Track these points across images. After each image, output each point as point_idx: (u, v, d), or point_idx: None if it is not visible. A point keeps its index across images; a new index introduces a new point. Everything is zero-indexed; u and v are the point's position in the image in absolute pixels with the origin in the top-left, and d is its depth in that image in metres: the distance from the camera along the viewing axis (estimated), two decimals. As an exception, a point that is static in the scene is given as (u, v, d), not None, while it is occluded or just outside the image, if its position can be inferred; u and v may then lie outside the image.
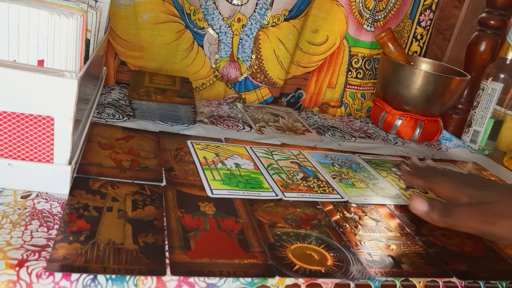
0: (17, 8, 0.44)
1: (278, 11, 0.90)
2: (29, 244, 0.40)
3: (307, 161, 0.70)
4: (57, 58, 0.47)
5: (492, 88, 0.91)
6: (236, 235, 0.47)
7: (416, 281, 0.47)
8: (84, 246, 0.41)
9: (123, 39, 0.84)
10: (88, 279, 0.37)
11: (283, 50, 0.93)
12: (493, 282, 0.49)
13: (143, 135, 0.67)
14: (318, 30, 0.95)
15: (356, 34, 0.99)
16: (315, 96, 1.01)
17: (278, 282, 0.42)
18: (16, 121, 0.44)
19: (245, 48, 0.92)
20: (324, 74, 1.00)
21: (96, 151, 0.58)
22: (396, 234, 0.55)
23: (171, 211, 0.49)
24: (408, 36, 1.04)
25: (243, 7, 0.88)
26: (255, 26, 0.90)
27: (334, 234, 0.52)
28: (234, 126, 0.79)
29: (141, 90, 0.76)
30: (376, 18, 0.98)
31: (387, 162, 0.77)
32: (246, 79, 0.94)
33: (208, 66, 0.91)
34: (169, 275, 0.40)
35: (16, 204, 0.45)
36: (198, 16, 0.86)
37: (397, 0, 0.98)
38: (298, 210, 0.55)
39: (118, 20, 0.82)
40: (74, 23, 0.47)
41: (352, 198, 0.61)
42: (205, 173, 0.59)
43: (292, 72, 0.98)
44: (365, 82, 1.03)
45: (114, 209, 0.47)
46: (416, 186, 0.60)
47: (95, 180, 0.52)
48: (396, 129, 0.92)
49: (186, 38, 0.87)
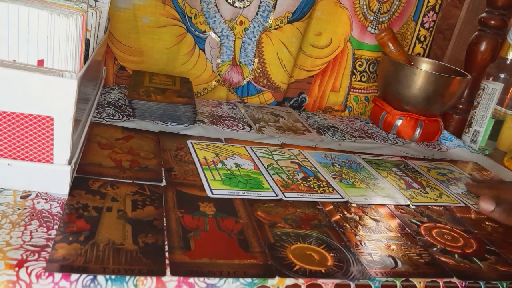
0: (17, 8, 0.44)
1: (281, 14, 0.89)
2: (28, 244, 0.39)
3: (307, 161, 0.70)
4: (57, 58, 0.47)
5: (492, 88, 0.91)
6: (236, 235, 0.47)
7: (416, 281, 0.47)
8: (84, 247, 0.41)
9: (123, 44, 0.84)
10: (88, 280, 0.37)
11: (287, 54, 0.92)
12: (494, 282, 0.49)
13: (143, 135, 0.67)
14: (321, 33, 0.95)
15: (360, 37, 0.98)
16: (318, 100, 1.00)
17: (278, 282, 0.42)
18: (16, 121, 0.44)
19: (247, 52, 0.90)
20: (328, 77, 0.99)
21: (96, 151, 0.58)
22: (396, 234, 0.55)
23: (171, 211, 0.49)
24: (412, 38, 1.03)
25: (245, 10, 0.87)
26: (257, 29, 0.89)
27: (334, 234, 0.52)
28: (234, 126, 0.79)
29: (141, 90, 0.76)
30: (380, 20, 0.97)
31: (387, 162, 0.77)
32: (248, 83, 0.93)
33: (210, 71, 0.90)
34: (169, 275, 0.40)
35: (16, 204, 0.44)
36: (199, 19, 0.85)
37: (401, 2, 0.98)
38: (298, 210, 0.55)
39: (117, 24, 0.81)
40: (74, 23, 0.47)
41: (352, 198, 0.61)
42: (205, 173, 0.59)
43: (295, 76, 0.97)
44: (369, 85, 1.03)
45: (113, 209, 0.47)
46: (482, 195, 0.65)
47: (94, 180, 0.52)
48: (396, 129, 0.92)
49: (187, 42, 0.86)
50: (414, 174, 0.74)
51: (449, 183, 0.73)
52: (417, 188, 0.69)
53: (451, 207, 0.65)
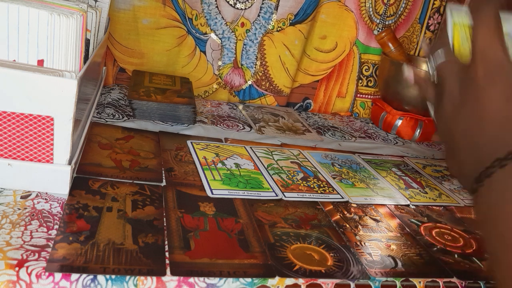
0: (17, 8, 0.44)
1: (283, 15, 0.88)
2: (28, 244, 0.39)
3: (307, 161, 0.70)
4: (57, 58, 0.47)
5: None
6: (236, 235, 0.47)
7: (416, 281, 0.47)
8: (84, 246, 0.41)
9: (122, 45, 0.83)
10: (88, 279, 0.37)
11: (289, 56, 0.91)
12: (494, 282, 0.49)
13: (143, 135, 0.67)
14: (326, 36, 0.93)
15: (367, 41, 0.97)
16: (324, 106, 0.99)
17: (278, 282, 0.42)
18: (16, 121, 0.44)
19: (249, 54, 0.90)
20: (334, 82, 0.98)
21: (96, 151, 0.58)
22: (396, 234, 0.55)
23: (171, 211, 0.49)
24: (418, 41, 1.03)
25: (246, 11, 0.87)
26: (259, 31, 0.88)
27: (334, 234, 0.52)
28: (234, 126, 0.79)
29: (141, 90, 0.76)
30: (386, 23, 0.96)
31: (387, 162, 0.77)
32: (250, 86, 0.92)
33: (211, 73, 0.89)
34: (169, 275, 0.40)
35: (16, 204, 0.44)
36: (200, 21, 0.85)
37: (407, 4, 0.97)
38: (298, 210, 0.55)
39: (117, 25, 0.81)
40: (74, 23, 0.47)
41: (352, 198, 0.61)
42: (205, 173, 0.59)
43: (300, 81, 0.96)
44: (376, 90, 1.01)
45: (114, 209, 0.47)
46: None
47: (95, 180, 0.52)
48: (396, 129, 0.92)
49: (188, 44, 0.86)
50: (413, 174, 0.74)
51: (443, 179, 0.74)
52: (416, 188, 0.69)
53: (451, 207, 0.65)
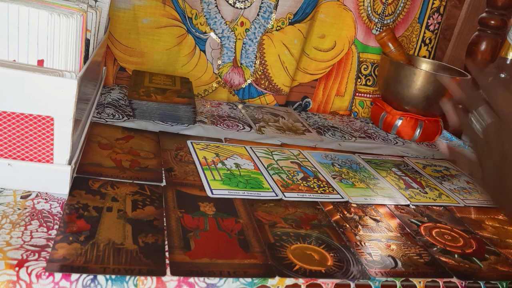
0: (17, 8, 0.44)
1: (282, 15, 0.88)
2: (28, 244, 0.39)
3: (307, 161, 0.70)
4: (57, 58, 0.47)
5: (492, 88, 0.91)
6: (236, 235, 0.47)
7: (416, 281, 0.47)
8: (84, 246, 0.41)
9: (123, 44, 0.83)
10: (88, 279, 0.37)
11: (288, 56, 0.92)
12: (493, 282, 0.49)
13: (143, 135, 0.67)
14: (325, 35, 0.94)
15: (365, 40, 0.97)
16: (323, 105, 0.99)
17: (278, 282, 0.42)
18: (16, 121, 0.44)
19: (248, 53, 0.90)
20: (332, 81, 0.98)
21: (96, 151, 0.58)
22: (396, 234, 0.55)
23: (171, 211, 0.49)
24: (417, 41, 1.03)
25: (246, 11, 0.87)
26: (259, 30, 0.88)
27: (334, 234, 0.52)
28: (234, 126, 0.79)
29: (141, 90, 0.76)
30: (385, 22, 0.96)
31: (387, 162, 0.77)
32: (250, 85, 0.92)
33: (211, 72, 0.90)
34: (169, 275, 0.40)
35: (16, 204, 0.44)
36: (200, 20, 0.85)
37: (405, 4, 0.97)
38: (298, 210, 0.55)
39: (117, 24, 0.81)
40: (74, 23, 0.47)
41: (352, 198, 0.61)
42: (205, 173, 0.59)
43: (299, 80, 0.96)
44: (375, 89, 1.02)
45: (114, 209, 0.47)
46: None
47: (95, 180, 0.52)
48: (396, 129, 0.92)
49: (188, 43, 0.86)
50: (413, 174, 0.74)
51: (443, 179, 0.74)
52: (416, 188, 0.69)
53: (451, 207, 0.65)
